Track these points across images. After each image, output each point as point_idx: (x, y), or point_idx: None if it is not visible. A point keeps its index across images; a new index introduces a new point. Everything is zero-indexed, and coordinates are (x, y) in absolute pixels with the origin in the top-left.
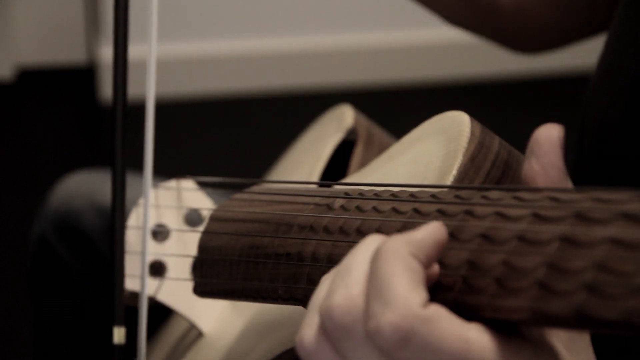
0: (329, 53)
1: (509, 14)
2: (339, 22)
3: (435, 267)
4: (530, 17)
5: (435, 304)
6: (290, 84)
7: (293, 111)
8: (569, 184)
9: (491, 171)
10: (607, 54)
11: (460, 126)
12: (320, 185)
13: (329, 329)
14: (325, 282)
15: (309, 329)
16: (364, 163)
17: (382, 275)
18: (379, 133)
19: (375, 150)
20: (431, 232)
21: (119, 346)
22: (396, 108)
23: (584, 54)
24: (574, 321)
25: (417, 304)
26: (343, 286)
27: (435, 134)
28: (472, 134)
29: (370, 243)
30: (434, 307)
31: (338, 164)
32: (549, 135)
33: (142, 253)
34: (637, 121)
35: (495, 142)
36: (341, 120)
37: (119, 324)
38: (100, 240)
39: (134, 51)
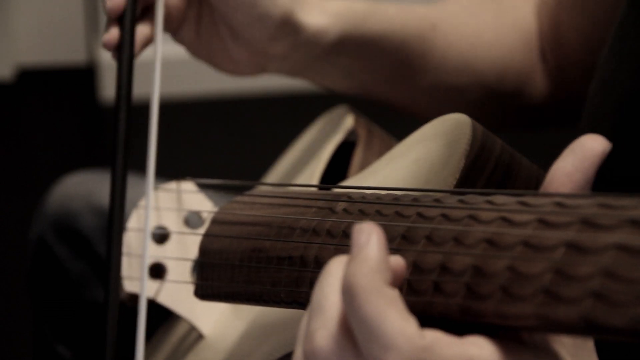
0: None
1: (549, 102)
2: None
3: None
4: (570, 95)
5: (428, 329)
6: (291, 84)
7: (293, 111)
8: None
9: (493, 174)
10: (603, 68)
11: (461, 129)
12: (322, 188)
13: None
14: (305, 316)
15: None
16: (364, 164)
17: (369, 318)
18: (379, 134)
19: (375, 152)
20: (381, 244)
21: (113, 346)
22: None
23: None
24: (580, 328)
25: (415, 335)
26: (321, 326)
27: (437, 137)
28: (474, 136)
29: (334, 273)
30: (429, 333)
31: (338, 165)
32: (594, 145)
33: (143, 256)
34: (627, 134)
35: (497, 144)
36: (341, 121)
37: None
38: (98, 241)
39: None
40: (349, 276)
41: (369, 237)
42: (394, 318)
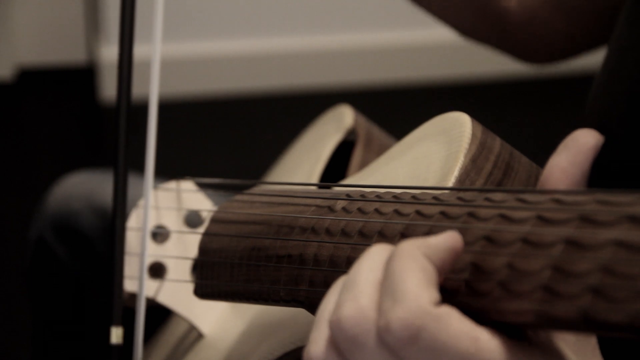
0: (329, 53)
1: (518, 21)
2: (339, 22)
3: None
4: (539, 25)
5: (447, 305)
6: (290, 84)
7: (293, 111)
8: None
9: (493, 172)
10: (609, 57)
11: (461, 127)
12: (321, 186)
13: (339, 341)
14: (333, 293)
15: (317, 343)
16: (363, 164)
17: (394, 274)
18: (378, 133)
19: (374, 151)
20: (446, 238)
21: (117, 346)
22: (396, 108)
23: (586, 55)
24: (579, 324)
25: (428, 301)
26: (351, 298)
27: (436, 135)
28: (474, 135)
29: (376, 253)
30: (446, 307)
31: (338, 165)
32: (587, 139)
33: (141, 254)
34: (636, 125)
35: (497, 143)
36: (341, 120)
37: (117, 323)
38: (98, 241)
39: (136, 51)
40: (401, 243)
41: (445, 233)
42: (415, 280)
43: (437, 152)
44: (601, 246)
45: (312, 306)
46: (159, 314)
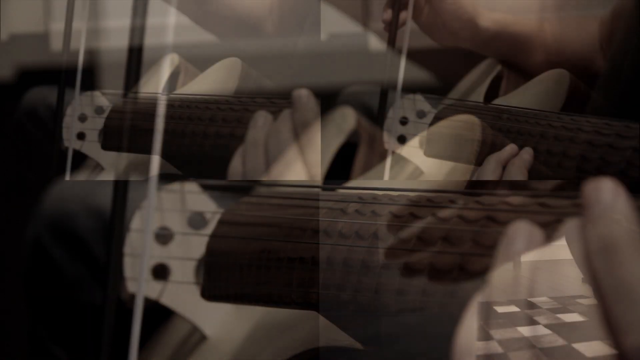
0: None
1: None
2: None
3: None
4: None
5: None
6: (290, 84)
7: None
8: None
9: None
10: (609, 63)
11: (472, 130)
12: (327, 189)
13: None
14: None
15: None
16: (367, 165)
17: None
18: (380, 135)
19: (377, 153)
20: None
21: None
22: None
23: None
24: None
25: None
26: None
27: (447, 138)
28: (485, 138)
29: None
30: None
31: (341, 167)
32: None
33: (142, 256)
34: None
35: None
36: (343, 122)
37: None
38: (94, 243)
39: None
40: (607, 237)
41: (615, 192)
42: None
43: (449, 156)
44: None
45: (325, 309)
46: (161, 316)
